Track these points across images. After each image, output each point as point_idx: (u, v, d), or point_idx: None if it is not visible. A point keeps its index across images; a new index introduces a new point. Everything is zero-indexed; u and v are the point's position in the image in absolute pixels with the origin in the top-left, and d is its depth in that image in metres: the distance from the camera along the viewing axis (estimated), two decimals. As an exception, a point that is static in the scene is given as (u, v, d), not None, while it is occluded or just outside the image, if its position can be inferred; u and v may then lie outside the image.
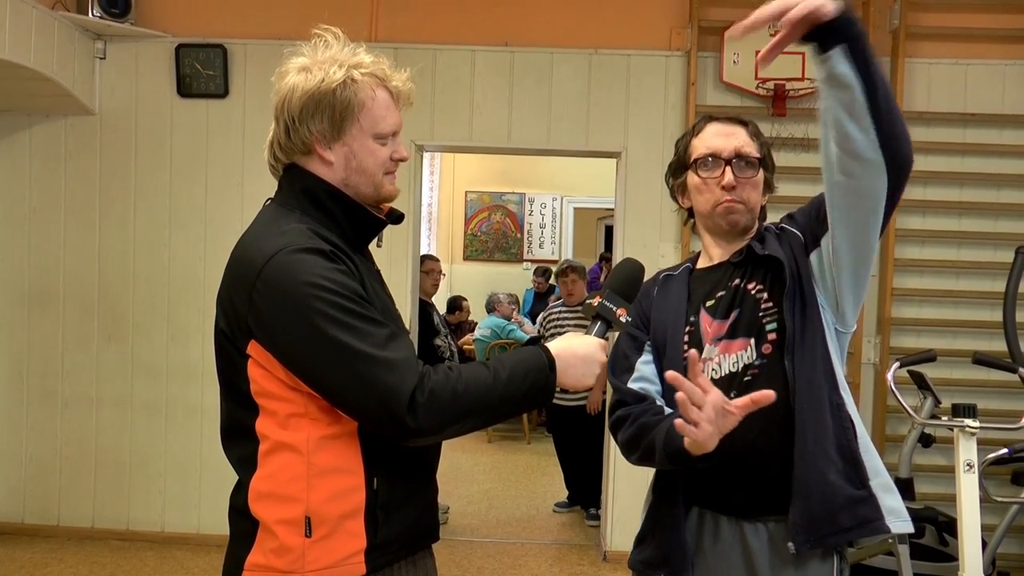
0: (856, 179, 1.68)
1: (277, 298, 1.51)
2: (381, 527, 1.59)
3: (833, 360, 1.83)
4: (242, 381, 1.58)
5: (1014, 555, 4.64)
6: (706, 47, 4.89)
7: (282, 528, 1.55)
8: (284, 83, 1.64)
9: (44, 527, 5.08)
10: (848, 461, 1.77)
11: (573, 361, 1.62)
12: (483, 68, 5.00)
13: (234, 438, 1.64)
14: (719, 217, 1.93)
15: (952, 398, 3.59)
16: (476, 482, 6.75)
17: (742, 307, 1.87)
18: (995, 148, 4.84)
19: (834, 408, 1.79)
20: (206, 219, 5.04)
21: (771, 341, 1.82)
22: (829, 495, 1.74)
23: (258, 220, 1.68)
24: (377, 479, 1.58)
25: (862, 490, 1.77)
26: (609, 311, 1.69)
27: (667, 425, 1.75)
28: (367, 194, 1.68)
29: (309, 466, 1.55)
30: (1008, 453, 3.54)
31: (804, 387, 1.78)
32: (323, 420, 1.55)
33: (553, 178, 10.06)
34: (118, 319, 5.08)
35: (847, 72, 1.60)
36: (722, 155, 1.91)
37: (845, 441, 1.78)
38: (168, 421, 5.07)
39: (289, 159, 1.67)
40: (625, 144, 4.98)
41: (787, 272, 1.82)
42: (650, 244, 4.93)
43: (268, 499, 1.57)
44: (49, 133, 5.07)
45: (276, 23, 4.85)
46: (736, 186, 1.90)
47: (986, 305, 4.72)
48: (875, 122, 1.62)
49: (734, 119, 1.98)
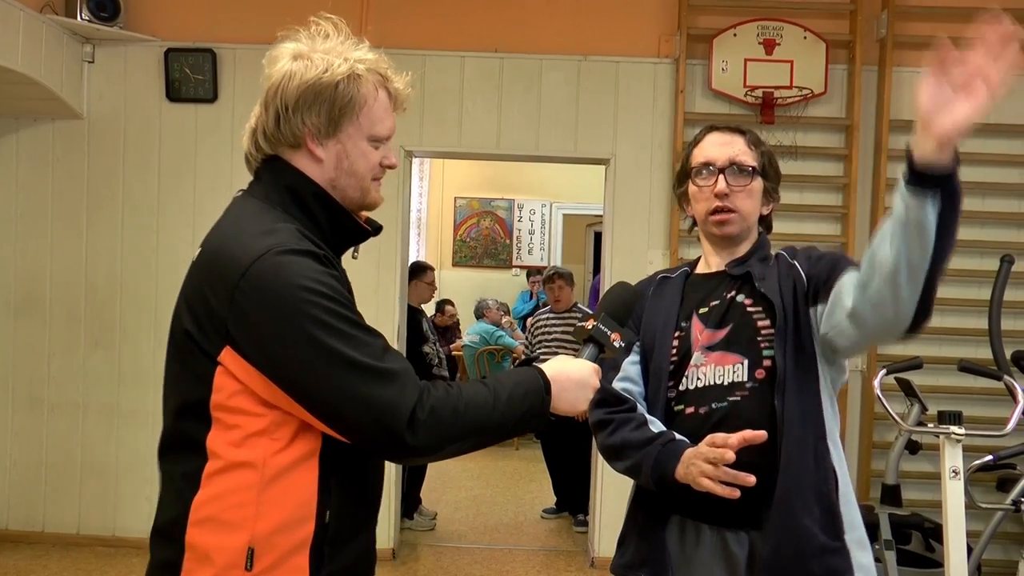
0: (868, 326, 1.67)
1: (266, 301, 1.38)
2: (326, 563, 1.45)
3: (824, 408, 1.84)
4: (200, 390, 1.44)
5: (999, 561, 4.65)
6: (695, 54, 4.90)
7: (221, 557, 1.39)
8: (277, 68, 1.52)
9: (29, 533, 5.04)
10: (825, 511, 1.79)
11: (568, 385, 1.54)
12: (472, 74, 5.00)
13: (177, 452, 1.49)
14: (711, 225, 1.95)
15: (939, 405, 3.61)
16: (464, 488, 6.74)
17: (738, 323, 1.88)
18: (981, 157, 4.86)
19: (819, 457, 1.81)
20: (194, 224, 5.01)
21: (766, 368, 1.83)
22: (803, 541, 1.76)
23: (235, 214, 1.55)
24: (329, 511, 1.45)
25: (836, 541, 1.78)
26: (604, 335, 1.63)
27: (655, 452, 1.80)
28: (353, 198, 1.57)
29: (261, 491, 1.40)
30: (993, 460, 3.56)
31: (790, 431, 1.79)
32: (284, 441, 1.42)
33: (542, 184, 10.07)
34: (105, 325, 5.05)
35: (931, 224, 1.48)
36: (716, 163, 1.93)
37: (825, 490, 1.80)
38: (155, 428, 4.91)
39: (274, 150, 1.55)
40: (614, 151, 4.99)
41: (778, 314, 1.83)
42: (639, 251, 4.94)
43: (209, 524, 1.41)
44: (37, 137, 5.05)
45: (266, 28, 4.77)
46: (728, 194, 1.92)
47: (972, 313, 4.75)
48: (925, 286, 1.54)
49: (735, 128, 2.00)
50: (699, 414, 1.85)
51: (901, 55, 4.85)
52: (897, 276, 1.54)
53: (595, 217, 8.44)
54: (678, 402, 1.89)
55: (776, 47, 4.84)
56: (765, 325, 1.85)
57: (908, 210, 1.48)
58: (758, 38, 4.86)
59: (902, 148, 1.63)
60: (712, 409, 1.83)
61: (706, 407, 1.84)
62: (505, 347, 8.24)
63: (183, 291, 1.52)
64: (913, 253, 1.50)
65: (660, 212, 4.93)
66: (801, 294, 1.85)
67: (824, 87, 4.83)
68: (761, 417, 1.79)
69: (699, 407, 1.85)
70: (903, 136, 4.88)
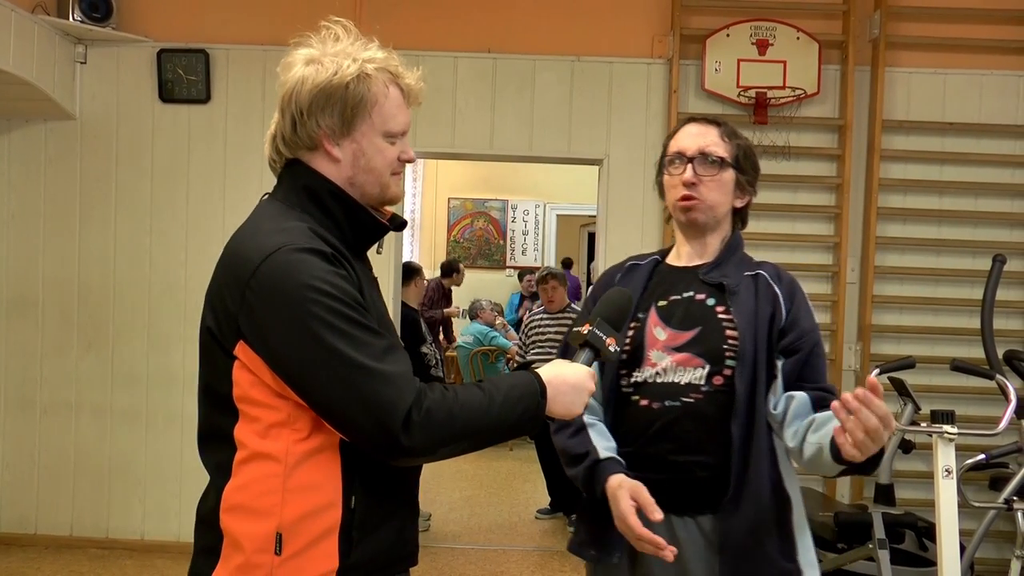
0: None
1: (273, 298, 1.43)
2: (355, 548, 1.50)
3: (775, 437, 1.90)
4: (224, 384, 1.50)
5: (992, 560, 4.67)
6: (688, 55, 4.91)
7: (251, 543, 1.46)
8: (291, 74, 1.57)
9: (21, 536, 5.03)
10: (783, 536, 1.88)
11: (564, 388, 1.57)
12: (466, 75, 5.00)
13: (211, 443, 1.56)
14: (679, 212, 2.00)
15: (932, 404, 3.61)
16: (458, 488, 6.74)
17: (706, 326, 1.91)
18: (973, 157, 4.89)
19: (774, 485, 1.89)
20: (187, 225, 5.01)
21: (725, 376, 1.88)
22: (761, 564, 1.85)
23: (255, 215, 1.60)
24: (355, 497, 1.50)
25: (791, 564, 1.87)
26: (599, 340, 1.65)
27: (582, 473, 1.90)
28: (373, 194, 1.61)
29: (286, 479, 1.46)
30: (986, 459, 3.57)
31: (743, 448, 1.86)
32: (305, 431, 1.47)
33: (536, 185, 10.08)
34: (98, 326, 5.04)
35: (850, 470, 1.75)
36: (686, 153, 1.98)
37: (782, 515, 1.88)
38: (148, 428, 5.03)
39: (293, 154, 1.60)
40: (607, 151, 4.99)
41: (743, 338, 1.87)
42: (632, 251, 4.79)
43: (239, 511, 1.48)
44: (29, 138, 5.03)
45: (259, 28, 4.84)
46: (696, 183, 1.96)
47: (965, 312, 4.76)
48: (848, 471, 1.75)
49: (711, 120, 2.05)
50: (652, 408, 1.89)
51: (894, 55, 4.87)
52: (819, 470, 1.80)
53: (589, 218, 8.46)
54: (635, 392, 1.93)
55: (769, 47, 4.85)
56: (733, 335, 1.89)
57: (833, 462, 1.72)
58: (751, 38, 4.86)
59: (895, 148, 1.65)
60: (665, 406, 1.88)
61: (660, 403, 1.89)
62: (499, 348, 8.24)
63: (207, 291, 1.57)
64: (829, 472, 1.78)
65: (653, 212, 4.93)
66: (776, 330, 1.89)
67: (817, 87, 4.83)
68: (711, 422, 1.86)
69: (653, 401, 1.90)
70: (896, 136, 4.90)
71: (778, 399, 1.87)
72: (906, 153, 4.87)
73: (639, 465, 1.89)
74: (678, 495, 1.87)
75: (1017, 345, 4.57)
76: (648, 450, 1.89)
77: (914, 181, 4.88)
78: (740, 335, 1.87)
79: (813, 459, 1.77)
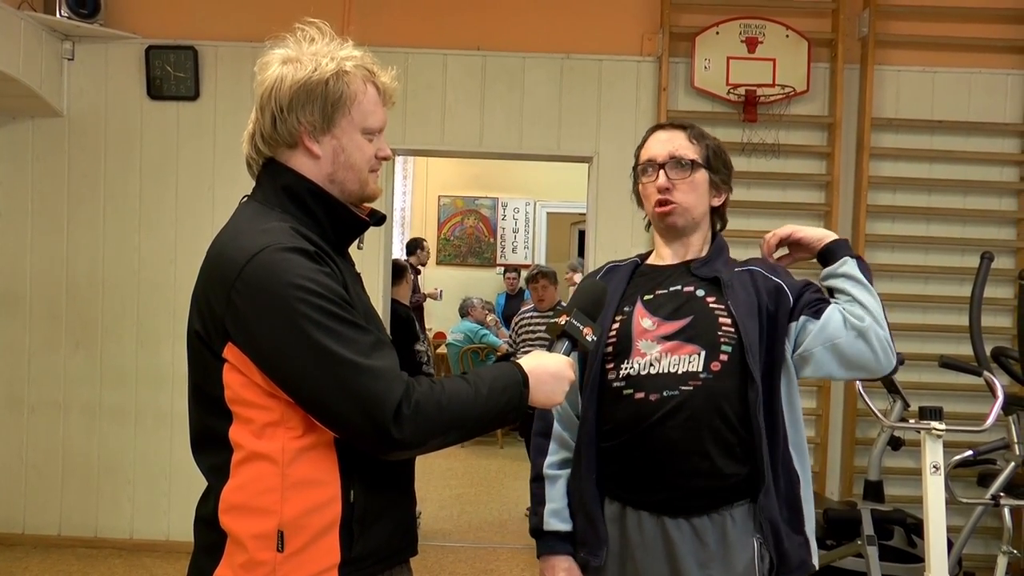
0: (858, 368, 1.91)
1: (258, 299, 1.45)
2: (356, 541, 1.53)
3: (784, 414, 1.93)
4: (216, 387, 1.51)
5: (979, 555, 4.69)
6: (677, 52, 4.92)
7: (253, 542, 1.48)
8: (268, 73, 1.59)
9: (9, 535, 5.00)
10: (793, 510, 1.93)
11: (545, 378, 1.61)
12: (455, 72, 4.99)
13: (206, 446, 1.57)
14: (657, 219, 2.03)
15: (921, 401, 3.62)
16: (448, 487, 6.73)
17: (698, 315, 1.92)
18: (962, 155, 4.91)
19: (784, 466, 1.92)
20: (176, 223, 4.99)
21: (722, 361, 1.88)
22: (780, 538, 1.90)
23: (236, 217, 1.61)
24: (354, 491, 1.53)
25: (801, 536, 1.94)
26: (576, 330, 1.70)
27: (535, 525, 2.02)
28: (352, 191, 1.63)
29: (284, 477, 1.48)
30: (973, 455, 3.58)
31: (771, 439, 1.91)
32: (299, 429, 1.49)
33: (526, 183, 10.07)
34: (86, 324, 5.02)
35: (863, 277, 1.92)
36: (657, 160, 2.00)
37: (792, 493, 1.93)
38: (137, 427, 5.01)
39: (272, 152, 1.61)
40: (597, 149, 5.00)
41: (741, 327, 1.89)
42: (622, 248, 4.91)
43: (239, 511, 1.50)
44: (15, 135, 5.00)
45: (248, 25, 4.82)
46: (670, 187, 1.98)
47: (953, 309, 4.78)
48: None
49: (677, 125, 2.07)
50: (650, 400, 1.88)
51: (883, 53, 4.88)
52: (870, 321, 1.89)
53: (579, 215, 8.45)
54: (628, 386, 1.92)
55: (759, 45, 4.85)
56: (727, 323, 1.90)
57: (840, 274, 1.94)
58: (740, 36, 4.87)
59: (884, 146, 1.66)
60: (664, 397, 1.87)
61: (658, 394, 1.88)
62: (489, 345, 8.24)
63: (193, 293, 1.58)
64: (869, 296, 1.92)
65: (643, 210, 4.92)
66: (785, 308, 1.93)
67: (806, 85, 4.85)
68: (711, 409, 1.86)
69: (651, 393, 1.88)
70: (885, 134, 4.91)
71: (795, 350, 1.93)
72: (895, 151, 4.88)
73: (636, 464, 1.89)
74: (671, 495, 1.87)
75: (1005, 342, 4.59)
76: (647, 445, 1.88)
77: (903, 179, 4.90)
78: (741, 324, 1.88)
79: None
